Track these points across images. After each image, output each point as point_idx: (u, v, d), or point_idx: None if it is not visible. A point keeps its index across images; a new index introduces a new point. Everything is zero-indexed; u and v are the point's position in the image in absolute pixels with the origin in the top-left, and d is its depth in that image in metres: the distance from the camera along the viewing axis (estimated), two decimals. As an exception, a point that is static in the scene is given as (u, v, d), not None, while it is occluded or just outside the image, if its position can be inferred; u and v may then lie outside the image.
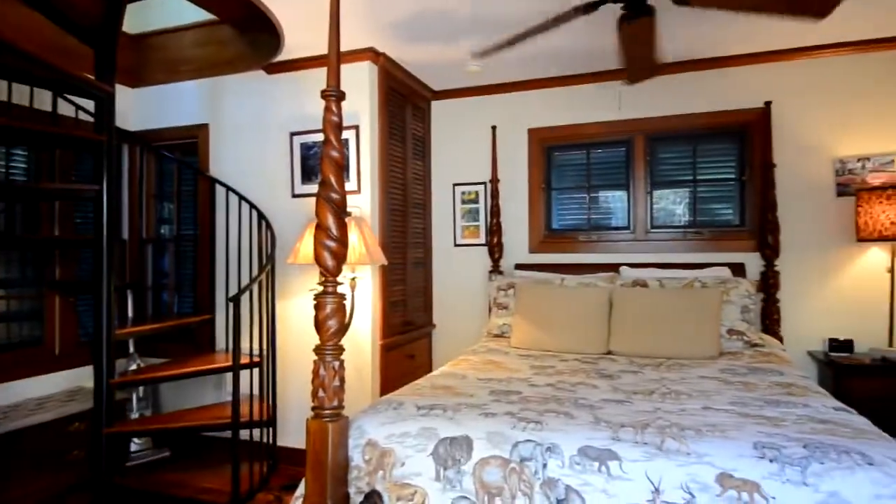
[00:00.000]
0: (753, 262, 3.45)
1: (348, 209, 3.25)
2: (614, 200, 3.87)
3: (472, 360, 2.80)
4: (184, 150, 3.92)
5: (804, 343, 3.36)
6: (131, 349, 3.43)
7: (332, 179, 1.76)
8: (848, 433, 1.60)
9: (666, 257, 3.64)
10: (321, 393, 1.76)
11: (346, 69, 3.25)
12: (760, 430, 1.64)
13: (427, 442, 1.74)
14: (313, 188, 3.06)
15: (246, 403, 2.82)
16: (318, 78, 2.98)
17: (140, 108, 3.93)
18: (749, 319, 3.03)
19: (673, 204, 3.75)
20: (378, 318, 3.40)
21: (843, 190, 3.32)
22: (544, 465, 1.58)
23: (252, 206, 3.34)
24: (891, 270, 3.14)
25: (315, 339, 1.78)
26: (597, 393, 2.15)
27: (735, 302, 3.05)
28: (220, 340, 3.64)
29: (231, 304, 2.73)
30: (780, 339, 3.26)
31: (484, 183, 4.07)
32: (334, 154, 1.76)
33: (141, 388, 3.47)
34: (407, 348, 3.74)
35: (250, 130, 3.66)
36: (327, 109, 1.78)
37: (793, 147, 3.40)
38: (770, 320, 3.31)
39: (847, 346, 3.15)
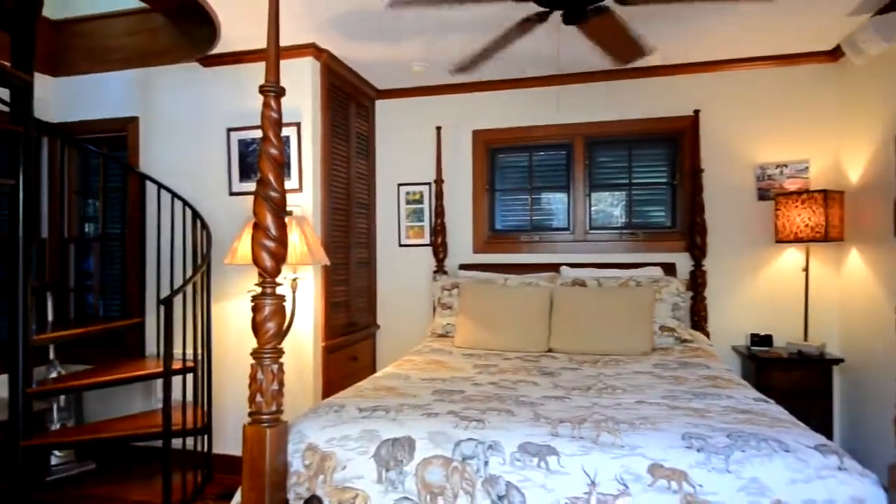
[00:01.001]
0: (683, 262, 3.63)
1: (289, 208, 3.20)
2: (555, 202, 3.97)
3: (415, 360, 2.80)
4: (112, 144, 3.71)
5: (729, 338, 3.57)
6: (51, 355, 3.21)
7: (271, 177, 1.71)
8: (766, 422, 1.72)
9: (604, 257, 3.77)
10: (259, 398, 1.71)
11: (287, 65, 3.20)
12: (688, 421, 1.72)
13: (369, 444, 1.73)
14: (252, 186, 2.98)
15: (179, 411, 2.70)
16: (257, 72, 2.88)
17: (63, 98, 3.68)
18: (679, 316, 3.19)
19: (611, 206, 3.89)
20: (320, 319, 3.34)
21: (763, 194, 3.54)
22: (486, 463, 1.60)
23: (186, 203, 3.20)
24: (805, 270, 3.38)
25: (254, 343, 1.72)
26: (538, 390, 2.20)
27: (666, 300, 3.20)
28: (151, 345, 3.47)
29: (162, 307, 2.60)
30: (708, 335, 3.45)
31: (429, 183, 4.08)
32: (273, 151, 1.72)
33: (62, 398, 3.24)
34: (350, 350, 3.69)
35: (184, 125, 3.50)
36: (266, 105, 1.73)
37: (719, 153, 3.61)
38: (698, 317, 3.50)
39: (767, 340, 3.36)
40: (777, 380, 3.17)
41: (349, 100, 3.76)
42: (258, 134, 3.21)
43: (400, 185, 4.15)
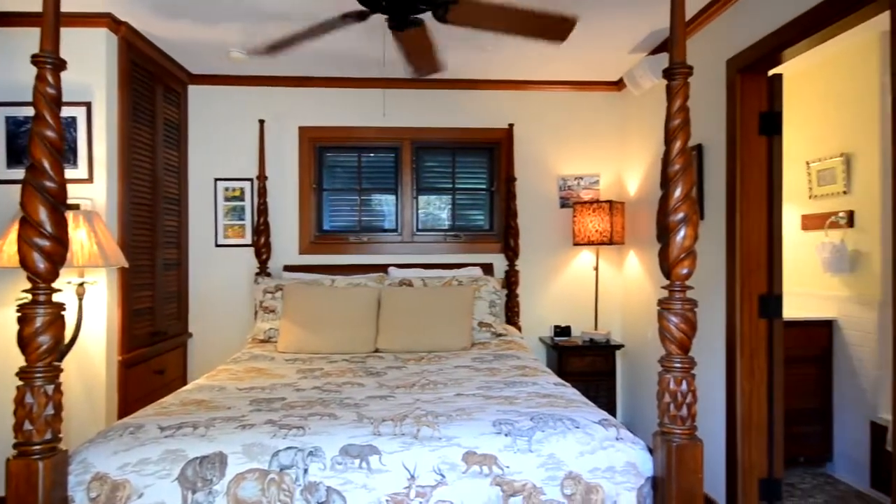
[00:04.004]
0: (500, 263, 3.95)
1: (75, 201, 2.75)
2: (384, 204, 4.02)
3: (232, 369, 2.60)
4: None
5: (537, 330, 3.96)
6: None
7: (46, 164, 1.45)
8: (562, 403, 1.94)
9: (430, 258, 3.93)
10: (27, 425, 1.43)
11: (73, 34, 2.77)
12: (499, 408, 1.87)
13: (172, 466, 1.55)
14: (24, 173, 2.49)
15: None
16: (34, 39, 2.43)
17: None
18: (496, 313, 3.45)
19: (438, 209, 4.05)
20: (116, 329, 2.92)
21: (564, 202, 4.01)
22: (305, 471, 1.55)
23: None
24: (596, 269, 3.91)
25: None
26: (363, 391, 2.20)
27: (485, 298, 3.44)
28: None
29: None
30: (519, 329, 3.79)
31: (250, 179, 3.83)
32: (49, 134, 1.46)
33: None
34: (155, 362, 3.30)
35: (-75, 93, 2.80)
36: (40, 79, 1.47)
37: (529, 164, 3.99)
38: (512, 312, 3.83)
39: (566, 331, 3.81)
40: (574, 365, 3.61)
41: (155, 82, 3.36)
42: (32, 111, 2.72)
43: (217, 179, 3.82)
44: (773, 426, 2.53)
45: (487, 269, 3.87)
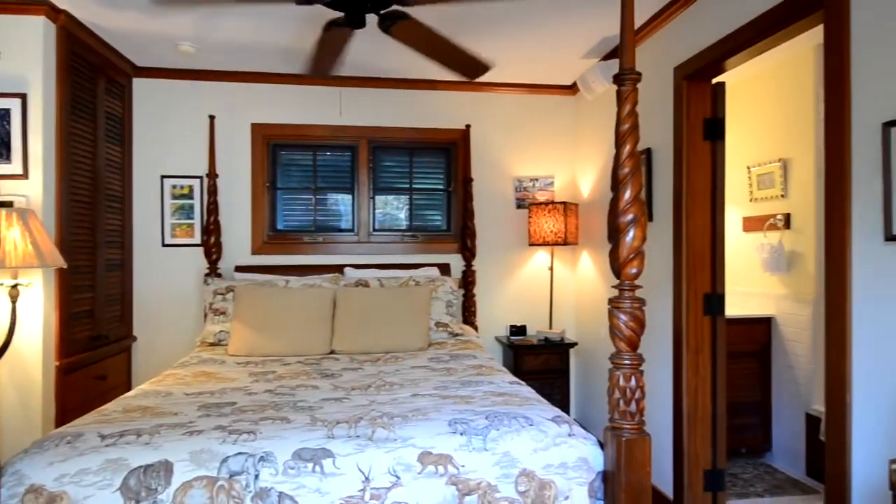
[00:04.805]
0: (457, 263, 3.96)
1: (8, 198, 2.59)
2: (340, 203, 3.97)
3: (180, 373, 2.51)
4: None
5: (493, 330, 4.00)
6: None
7: (-27, 158, 1.36)
8: (517, 401, 1.96)
9: (387, 258, 3.90)
10: (-49, 437, 1.34)
11: (8, 21, 2.65)
12: (455, 408, 1.87)
13: (114, 476, 1.48)
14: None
15: None
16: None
17: None
18: (452, 313, 3.46)
19: (396, 209, 4.03)
20: (53, 333, 2.77)
21: (520, 203, 4.07)
22: (256, 476, 1.51)
23: None
24: (551, 268, 3.98)
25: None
26: (317, 393, 2.16)
27: (442, 298, 3.44)
28: None
29: None
30: (476, 328, 3.81)
31: (200, 177, 3.70)
32: (-24, 125, 1.36)
33: None
34: (97, 367, 3.14)
35: None
36: (-35, 66, 1.37)
37: (486, 165, 4.03)
38: (468, 312, 3.85)
39: (522, 330, 3.86)
40: (530, 363, 3.67)
41: (98, 74, 3.20)
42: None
43: (164, 177, 3.68)
44: (716, 419, 2.64)
45: (444, 269, 3.88)
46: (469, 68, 2.51)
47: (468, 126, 3.94)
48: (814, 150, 3.19)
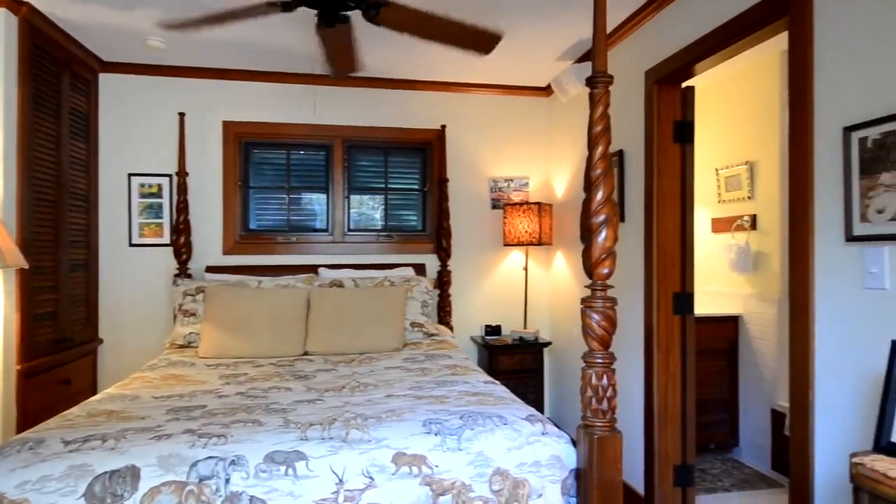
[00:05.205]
0: (432, 263, 3.96)
1: (-36, 196, 2.49)
2: (315, 203, 3.92)
3: (148, 376, 2.45)
4: None
5: (468, 330, 4.01)
6: None
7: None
8: (492, 401, 1.97)
9: (362, 258, 3.88)
10: None
11: None
12: (430, 408, 1.87)
13: (77, 482, 1.44)
14: None
15: None
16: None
17: None
18: (427, 313, 3.46)
19: (371, 209, 4.01)
20: (14, 336, 2.67)
21: (495, 204, 4.09)
22: (227, 481, 1.48)
23: None
24: (525, 269, 4.01)
25: None
26: (290, 395, 2.13)
27: (417, 298, 3.44)
28: None
29: None
30: (451, 328, 3.82)
31: (169, 175, 3.62)
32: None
33: None
34: (61, 371, 3.05)
35: None
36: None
37: (461, 165, 4.03)
38: (444, 312, 3.85)
39: (497, 330, 3.88)
40: (504, 363, 3.69)
41: (62, 68, 3.10)
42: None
43: (132, 175, 3.59)
44: (686, 416, 2.69)
45: (420, 269, 3.87)
46: (478, 42, 2.26)
47: (444, 126, 3.94)
48: (779, 154, 3.28)
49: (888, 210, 1.56)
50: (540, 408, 3.73)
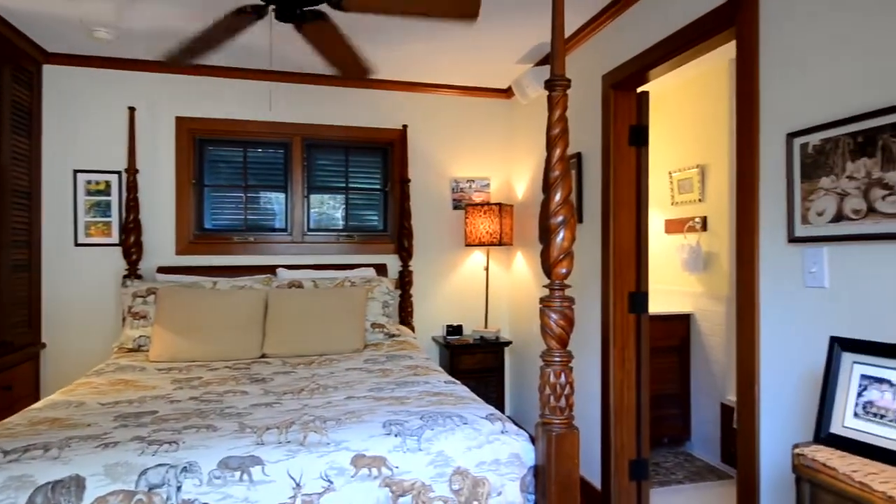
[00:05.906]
0: (393, 263, 3.94)
1: None
2: (273, 202, 3.85)
3: (94, 382, 2.35)
4: None
5: (430, 330, 4.01)
6: None
7: None
8: (452, 401, 1.98)
9: (322, 259, 3.82)
10: None
11: None
12: (390, 409, 1.86)
13: (17, 494, 1.37)
14: None
15: None
16: None
17: None
18: (389, 313, 3.44)
19: (332, 209, 3.96)
20: (-53, 341, 2.52)
21: (457, 204, 4.10)
22: (178, 488, 1.44)
23: None
24: (486, 269, 4.04)
25: None
26: (246, 399, 2.08)
27: (378, 298, 3.41)
28: None
29: None
30: (413, 329, 3.81)
31: (118, 172, 3.48)
32: None
33: None
34: (0, 377, 2.88)
35: None
36: None
37: (423, 165, 4.03)
38: (405, 313, 3.84)
39: (458, 330, 3.90)
40: (466, 363, 3.70)
41: (2, 59, 2.94)
42: None
43: (78, 171, 3.43)
44: (640, 411, 2.77)
45: (381, 269, 3.85)
46: (460, 6, 2.16)
47: (405, 126, 3.93)
48: (728, 158, 3.42)
49: (827, 212, 1.64)
50: (501, 406, 3.76)
